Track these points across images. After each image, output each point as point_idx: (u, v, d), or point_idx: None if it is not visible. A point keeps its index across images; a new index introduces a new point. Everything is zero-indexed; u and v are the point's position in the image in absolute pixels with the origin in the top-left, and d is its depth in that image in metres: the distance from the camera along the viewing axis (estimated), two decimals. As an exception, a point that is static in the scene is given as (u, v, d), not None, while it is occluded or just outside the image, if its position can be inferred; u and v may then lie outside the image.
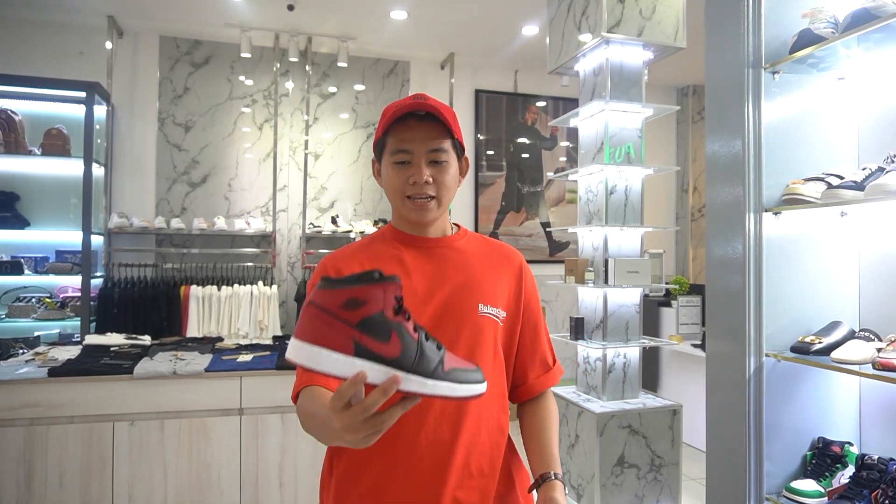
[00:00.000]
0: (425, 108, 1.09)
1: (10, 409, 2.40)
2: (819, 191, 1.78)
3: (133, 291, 4.30)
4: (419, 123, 1.10)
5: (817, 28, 1.76)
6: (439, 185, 1.13)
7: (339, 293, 0.73)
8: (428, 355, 0.77)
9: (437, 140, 1.11)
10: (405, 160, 1.11)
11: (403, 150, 1.11)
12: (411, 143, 1.10)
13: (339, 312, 0.73)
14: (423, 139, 1.10)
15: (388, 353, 0.74)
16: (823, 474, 1.80)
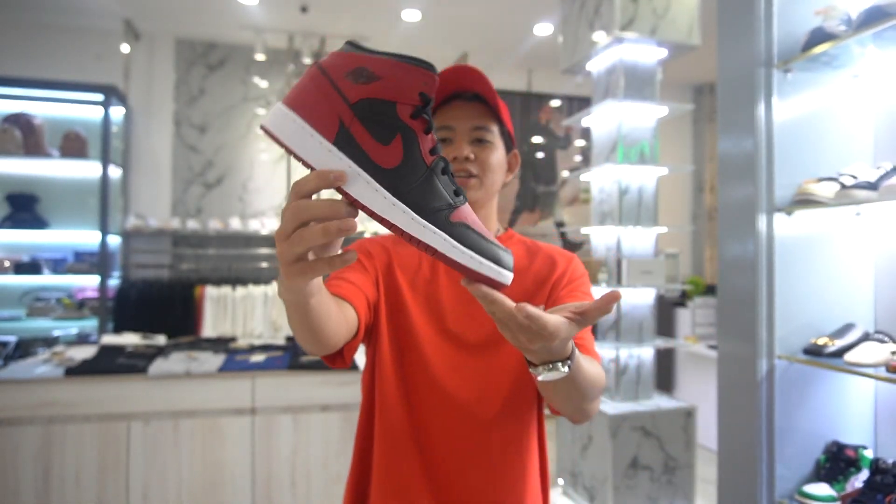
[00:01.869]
0: (473, 90, 1.03)
1: (28, 408, 2.44)
2: (832, 191, 1.75)
3: (149, 292, 4.35)
4: (464, 104, 1.05)
5: (830, 26, 1.73)
6: (482, 163, 1.04)
7: (349, 59, 0.56)
8: (437, 189, 0.58)
9: (483, 119, 1.05)
10: (447, 137, 1.05)
11: (446, 127, 1.05)
12: (454, 120, 1.04)
13: (339, 82, 0.55)
14: (467, 116, 1.04)
15: (378, 158, 0.55)
16: (837, 478, 1.77)
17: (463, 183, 1.03)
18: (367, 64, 0.55)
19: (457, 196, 0.60)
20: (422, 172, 0.57)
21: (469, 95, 1.05)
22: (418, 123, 0.58)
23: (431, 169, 0.58)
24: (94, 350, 2.88)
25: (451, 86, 1.02)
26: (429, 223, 0.57)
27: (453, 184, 0.61)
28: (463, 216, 0.59)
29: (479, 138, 1.04)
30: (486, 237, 0.60)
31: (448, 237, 0.57)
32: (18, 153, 3.94)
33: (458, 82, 1.02)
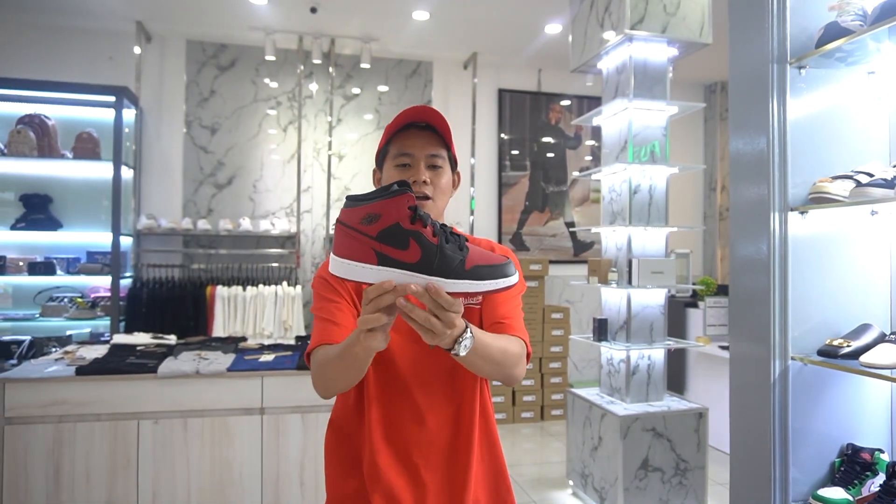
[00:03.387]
0: (425, 120, 1.23)
1: (40, 407, 2.46)
2: (847, 189, 1.72)
3: (161, 291, 4.39)
4: (420, 132, 1.24)
5: (845, 21, 1.70)
6: (436, 186, 1.24)
7: (357, 211, 0.83)
8: (448, 256, 0.83)
9: (436, 147, 1.24)
10: (406, 163, 1.23)
11: (405, 154, 1.23)
12: (412, 148, 1.23)
13: (360, 227, 0.82)
14: (423, 145, 1.23)
15: (408, 259, 0.82)
16: (852, 482, 1.74)
17: (421, 204, 1.17)
18: (371, 210, 0.82)
19: (461, 250, 0.86)
20: (436, 251, 0.83)
21: (422, 125, 1.24)
22: (418, 224, 0.83)
23: (440, 246, 0.84)
24: (105, 349, 2.89)
25: (410, 117, 1.22)
26: (456, 279, 0.84)
27: (456, 241, 0.86)
28: (471, 260, 0.86)
29: (433, 164, 1.23)
30: (490, 262, 0.86)
31: (472, 281, 0.85)
32: (32, 154, 3.99)
33: (416, 115, 1.22)
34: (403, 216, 0.82)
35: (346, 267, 0.84)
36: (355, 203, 0.83)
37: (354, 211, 0.83)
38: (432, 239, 0.83)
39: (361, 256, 0.82)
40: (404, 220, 0.82)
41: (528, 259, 5.06)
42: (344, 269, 0.84)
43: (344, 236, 0.84)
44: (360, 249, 0.82)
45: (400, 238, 0.82)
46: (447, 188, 1.28)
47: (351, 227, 0.83)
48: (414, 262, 0.82)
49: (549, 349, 5.09)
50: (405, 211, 0.82)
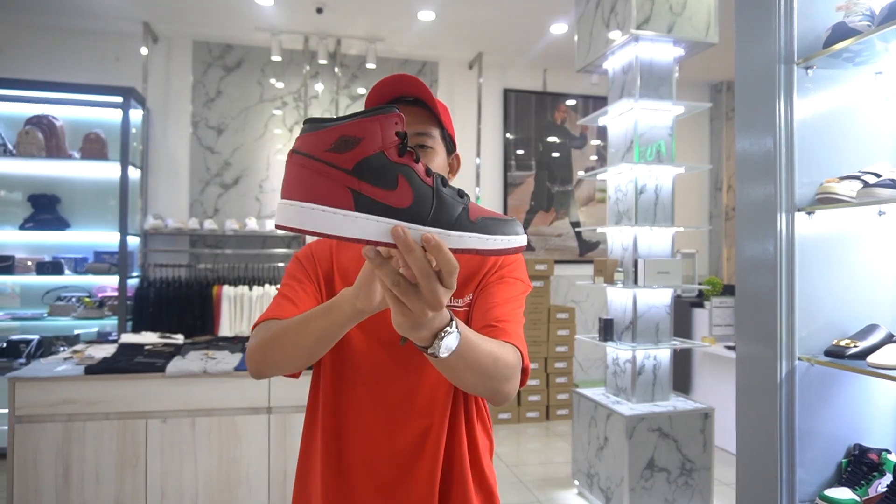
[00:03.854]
0: (414, 94, 1.04)
1: (49, 406, 2.48)
2: (855, 189, 1.72)
3: (168, 291, 4.41)
4: (406, 107, 1.04)
5: (852, 21, 1.70)
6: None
7: (324, 135, 0.60)
8: (448, 202, 0.64)
9: (424, 125, 1.05)
10: None
11: None
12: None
13: (328, 157, 0.59)
14: (408, 122, 1.03)
15: (396, 203, 0.61)
16: (859, 483, 1.73)
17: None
18: (344, 131, 0.60)
19: (461, 197, 0.67)
20: (431, 195, 0.64)
21: (410, 100, 1.05)
22: (407, 158, 0.64)
23: (435, 188, 0.64)
24: (113, 349, 2.91)
25: (394, 91, 1.03)
26: (461, 231, 0.64)
27: (452, 188, 0.67)
28: (476, 210, 0.67)
29: (420, 144, 1.04)
30: (497, 216, 0.68)
31: (480, 234, 0.65)
32: (40, 155, 4.01)
33: (399, 88, 1.03)
34: (389, 144, 0.62)
35: (307, 214, 0.59)
36: (321, 125, 0.61)
37: (319, 136, 0.60)
38: (425, 179, 0.63)
39: (330, 198, 0.59)
40: (390, 150, 0.62)
41: (533, 259, 5.06)
42: (303, 216, 0.59)
43: (302, 171, 0.60)
44: (327, 188, 0.59)
45: (386, 173, 0.61)
46: (440, 172, 1.07)
47: (314, 158, 0.59)
48: (404, 206, 0.61)
49: (554, 349, 5.09)
50: (392, 137, 0.62)
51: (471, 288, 1.08)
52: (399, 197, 0.61)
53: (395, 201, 0.61)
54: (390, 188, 0.61)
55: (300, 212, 0.59)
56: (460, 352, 0.75)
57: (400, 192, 0.61)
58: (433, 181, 0.64)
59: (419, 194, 0.62)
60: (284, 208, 0.60)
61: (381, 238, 0.60)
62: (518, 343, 0.98)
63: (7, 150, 4.02)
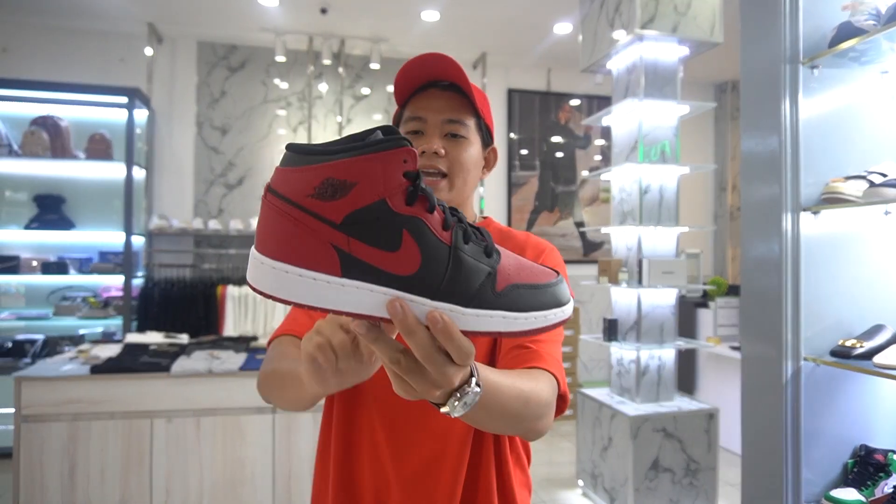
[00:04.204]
0: (449, 78, 0.94)
1: (55, 405, 2.49)
2: (861, 189, 1.72)
3: (172, 291, 4.42)
4: (439, 92, 0.96)
5: (858, 20, 1.69)
6: (453, 160, 0.94)
7: (307, 172, 0.46)
8: (468, 267, 0.49)
9: (458, 112, 0.95)
10: (418, 129, 0.95)
11: (417, 118, 0.95)
12: (426, 111, 0.95)
13: (310, 204, 0.45)
14: (440, 108, 0.95)
15: (398, 269, 0.47)
16: (865, 483, 1.73)
17: (432, 183, 0.93)
18: (332, 173, 0.45)
19: (489, 256, 0.51)
20: (446, 258, 0.48)
21: (444, 84, 0.96)
22: (418, 207, 0.48)
23: (454, 247, 0.49)
24: (118, 348, 2.92)
25: (425, 73, 0.94)
26: (480, 309, 0.49)
27: (480, 243, 0.52)
28: (506, 275, 0.51)
29: (451, 132, 0.95)
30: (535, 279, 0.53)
31: (506, 313, 0.50)
32: (45, 155, 4.03)
33: (432, 70, 0.93)
34: (394, 189, 0.47)
35: (281, 279, 0.46)
36: (306, 158, 0.46)
37: (301, 174, 0.46)
38: (442, 234, 0.49)
39: (311, 259, 0.46)
40: (395, 197, 0.47)
41: (537, 259, 5.05)
42: (277, 282, 0.46)
43: (278, 219, 0.46)
44: (307, 246, 0.46)
45: (386, 229, 0.47)
46: (472, 166, 0.97)
47: (292, 203, 0.46)
48: (408, 273, 0.47)
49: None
50: (398, 179, 0.47)
51: None
52: (402, 260, 0.47)
53: (397, 266, 0.47)
54: (391, 248, 0.47)
55: (273, 275, 0.46)
56: (483, 403, 0.60)
57: (404, 253, 0.47)
58: (452, 236, 0.49)
59: (430, 256, 0.48)
60: (256, 266, 0.47)
61: (375, 313, 0.47)
62: (553, 368, 0.84)
63: (12, 151, 4.03)
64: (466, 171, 0.96)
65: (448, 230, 0.50)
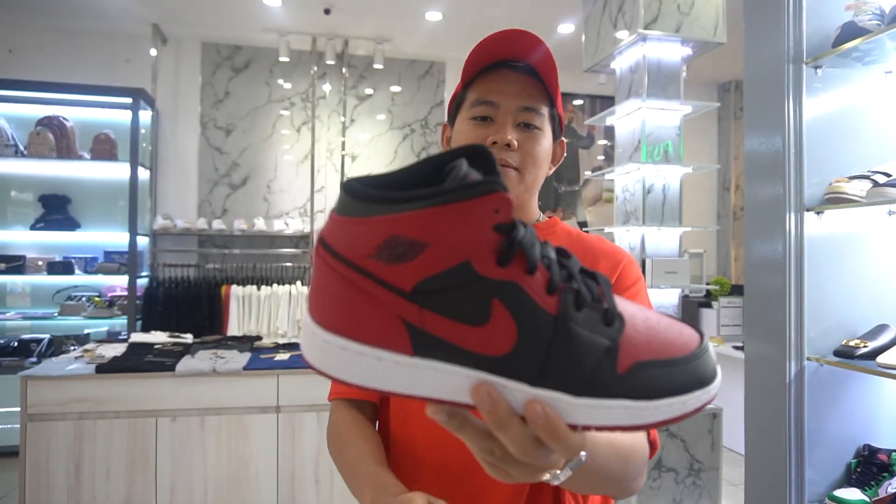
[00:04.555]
0: (525, 58, 0.82)
1: (61, 404, 2.50)
2: (864, 189, 1.72)
3: (176, 291, 4.43)
4: (514, 75, 0.84)
5: (862, 20, 1.69)
6: (526, 154, 0.84)
7: (369, 226, 0.35)
8: (582, 341, 0.37)
9: (534, 99, 0.84)
10: (487, 115, 0.84)
11: (487, 102, 0.84)
12: (499, 95, 0.83)
13: (372, 267, 0.35)
14: (516, 92, 0.83)
15: (485, 348, 0.36)
16: (869, 483, 1.73)
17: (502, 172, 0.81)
18: (397, 230, 0.34)
19: (609, 325, 0.39)
20: (550, 332, 0.37)
21: (521, 66, 0.84)
22: (514, 268, 0.36)
23: (562, 317, 0.37)
24: (123, 348, 2.93)
25: (504, 51, 0.83)
26: (595, 399, 0.37)
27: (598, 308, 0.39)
28: (632, 349, 0.39)
29: (526, 122, 0.84)
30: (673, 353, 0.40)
31: (629, 402, 0.38)
32: (51, 156, 4.05)
33: (511, 48, 0.82)
34: (481, 247, 0.36)
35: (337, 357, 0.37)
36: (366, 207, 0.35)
37: (361, 226, 0.35)
38: (546, 301, 0.37)
39: (374, 334, 0.36)
40: (482, 257, 0.36)
41: (540, 259, 5.05)
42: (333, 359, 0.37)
43: (335, 282, 0.37)
44: (370, 318, 0.36)
45: (470, 298, 0.36)
46: (543, 160, 0.87)
47: (351, 265, 0.36)
48: (500, 353, 0.37)
49: (561, 349, 5.07)
50: (486, 234, 0.36)
51: None
52: (492, 337, 0.36)
53: (485, 344, 0.36)
54: (477, 322, 0.36)
55: (329, 350, 0.37)
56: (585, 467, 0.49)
57: (494, 328, 0.36)
58: (560, 304, 0.37)
59: (529, 330, 0.36)
60: (310, 336, 0.38)
61: (457, 398, 0.37)
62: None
63: (18, 151, 4.05)
64: (538, 167, 0.86)
65: (554, 294, 0.37)
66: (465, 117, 0.86)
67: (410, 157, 5.19)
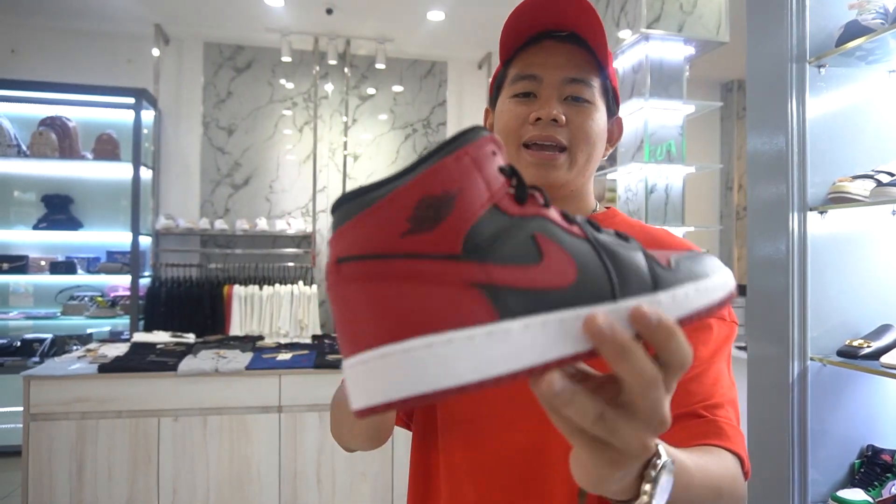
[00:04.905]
0: (569, 26, 0.73)
1: (63, 404, 2.51)
2: (868, 188, 1.71)
3: (179, 291, 4.44)
4: (557, 45, 0.75)
5: (865, 19, 1.69)
6: (576, 131, 0.74)
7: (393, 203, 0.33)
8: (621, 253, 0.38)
9: (581, 69, 0.74)
10: (529, 91, 0.75)
11: (529, 76, 0.75)
12: (541, 68, 0.74)
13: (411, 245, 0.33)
14: (559, 64, 0.74)
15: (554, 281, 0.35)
16: (872, 484, 1.72)
17: (548, 158, 0.73)
18: (425, 189, 0.33)
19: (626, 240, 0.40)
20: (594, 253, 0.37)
21: (564, 34, 0.74)
22: (531, 204, 0.37)
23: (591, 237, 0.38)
24: (126, 348, 2.94)
25: (543, 20, 0.73)
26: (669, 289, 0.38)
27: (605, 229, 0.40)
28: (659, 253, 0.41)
29: (574, 95, 0.74)
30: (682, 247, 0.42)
31: (694, 284, 0.40)
32: (54, 156, 4.05)
33: (551, 15, 0.72)
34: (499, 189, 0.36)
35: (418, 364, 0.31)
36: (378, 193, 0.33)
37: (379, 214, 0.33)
38: (570, 229, 0.38)
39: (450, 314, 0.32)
40: (504, 199, 0.36)
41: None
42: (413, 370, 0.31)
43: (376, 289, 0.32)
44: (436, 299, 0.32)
45: (515, 238, 0.35)
46: (597, 138, 0.76)
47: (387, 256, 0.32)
48: (569, 283, 0.35)
49: (563, 349, 5.07)
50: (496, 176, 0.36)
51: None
52: (554, 270, 0.35)
53: (551, 278, 0.35)
54: (535, 261, 0.35)
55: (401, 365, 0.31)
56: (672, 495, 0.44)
57: (550, 261, 0.35)
58: (581, 228, 0.38)
59: (579, 255, 0.36)
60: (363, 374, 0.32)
61: (567, 350, 0.34)
62: (739, 446, 0.64)
63: (21, 151, 4.06)
64: (591, 145, 0.75)
65: (573, 223, 0.38)
66: (505, 96, 0.78)
67: (412, 157, 5.19)
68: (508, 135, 0.76)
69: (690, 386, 0.66)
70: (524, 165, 0.74)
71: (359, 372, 0.32)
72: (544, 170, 0.74)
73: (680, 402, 0.62)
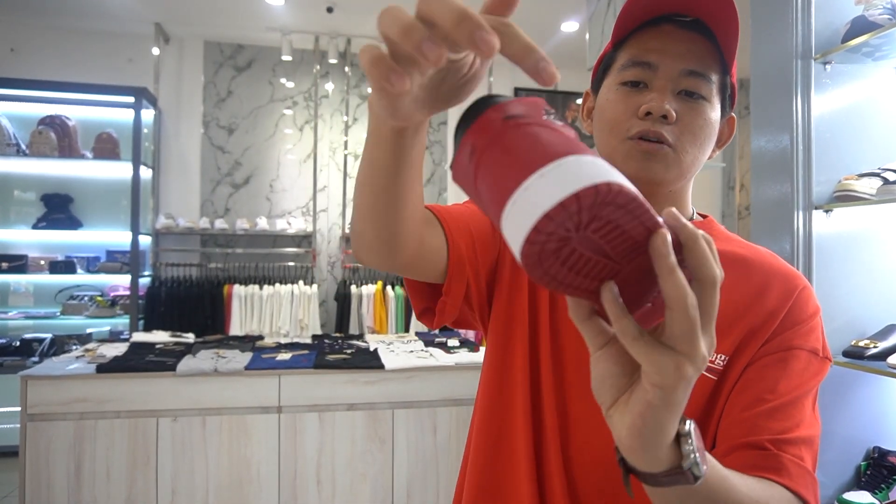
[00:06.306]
0: (697, 12, 0.66)
1: (62, 404, 2.49)
2: (874, 187, 1.69)
3: (179, 290, 4.42)
4: (679, 31, 0.68)
5: (872, 15, 1.67)
6: (685, 129, 0.68)
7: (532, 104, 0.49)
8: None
9: (702, 62, 0.68)
10: (641, 79, 0.69)
11: (643, 64, 0.69)
12: (658, 55, 0.68)
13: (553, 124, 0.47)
14: (678, 53, 0.67)
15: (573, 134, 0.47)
16: (879, 486, 1.70)
17: (651, 151, 0.68)
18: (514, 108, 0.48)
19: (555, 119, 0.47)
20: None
21: (685, 20, 0.68)
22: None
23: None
24: (124, 347, 2.92)
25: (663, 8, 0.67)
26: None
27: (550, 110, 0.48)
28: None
29: (689, 90, 0.68)
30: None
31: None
32: (53, 155, 4.04)
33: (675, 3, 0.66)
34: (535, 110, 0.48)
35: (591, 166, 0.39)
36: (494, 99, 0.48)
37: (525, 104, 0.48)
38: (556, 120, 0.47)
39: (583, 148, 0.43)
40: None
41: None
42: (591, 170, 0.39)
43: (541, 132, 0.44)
44: (576, 140, 0.44)
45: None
46: (706, 139, 0.70)
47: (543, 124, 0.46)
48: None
49: (565, 349, 5.05)
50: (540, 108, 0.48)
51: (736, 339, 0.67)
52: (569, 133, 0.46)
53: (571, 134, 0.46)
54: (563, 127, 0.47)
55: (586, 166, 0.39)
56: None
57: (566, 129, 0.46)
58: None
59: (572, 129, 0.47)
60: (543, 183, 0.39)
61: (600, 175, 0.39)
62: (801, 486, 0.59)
63: (20, 150, 4.05)
64: (699, 147, 0.70)
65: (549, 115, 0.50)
66: (613, 82, 0.71)
67: (413, 157, 5.17)
68: (613, 127, 0.71)
69: (760, 419, 0.62)
70: (625, 158, 0.69)
71: (540, 184, 0.39)
72: (646, 162, 0.68)
73: (747, 431, 0.61)
